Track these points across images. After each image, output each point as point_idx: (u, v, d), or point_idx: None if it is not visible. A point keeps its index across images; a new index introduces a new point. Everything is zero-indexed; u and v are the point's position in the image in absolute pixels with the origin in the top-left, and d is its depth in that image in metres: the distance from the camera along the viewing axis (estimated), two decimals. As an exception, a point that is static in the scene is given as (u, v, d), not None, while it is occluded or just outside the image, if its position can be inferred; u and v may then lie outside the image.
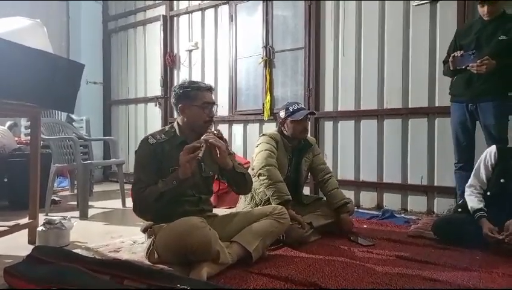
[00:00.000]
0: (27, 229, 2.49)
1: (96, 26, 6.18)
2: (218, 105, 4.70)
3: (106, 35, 6.19)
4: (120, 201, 3.90)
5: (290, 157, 2.69)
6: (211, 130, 2.04)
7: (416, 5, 3.48)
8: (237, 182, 2.12)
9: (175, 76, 5.33)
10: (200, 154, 1.85)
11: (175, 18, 5.34)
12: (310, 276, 1.82)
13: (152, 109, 5.57)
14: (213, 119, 2.11)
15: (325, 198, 2.74)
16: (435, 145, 3.41)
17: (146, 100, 5.65)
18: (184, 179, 1.87)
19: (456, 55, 2.66)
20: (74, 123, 4.91)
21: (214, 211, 2.28)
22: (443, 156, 3.33)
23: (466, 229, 2.30)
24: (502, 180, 2.30)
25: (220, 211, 2.68)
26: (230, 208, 3.33)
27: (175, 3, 5.36)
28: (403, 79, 3.56)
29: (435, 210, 3.39)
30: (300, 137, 2.68)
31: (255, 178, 2.47)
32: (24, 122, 4.93)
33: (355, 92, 3.83)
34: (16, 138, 4.47)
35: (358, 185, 3.82)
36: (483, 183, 2.37)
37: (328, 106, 3.99)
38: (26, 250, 1.99)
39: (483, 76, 2.59)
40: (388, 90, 3.65)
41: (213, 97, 2.13)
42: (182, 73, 5.25)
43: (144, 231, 2.08)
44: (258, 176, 2.48)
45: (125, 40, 5.97)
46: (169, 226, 1.88)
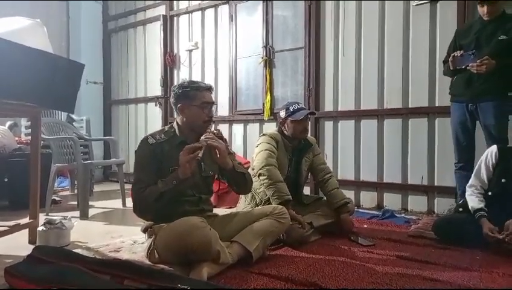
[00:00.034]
0: (27, 229, 2.49)
1: (96, 26, 6.18)
2: (217, 105, 4.76)
3: (106, 35, 6.19)
4: (120, 201, 3.90)
5: (290, 157, 2.69)
6: (211, 130, 2.04)
7: (416, 5, 3.48)
8: (237, 182, 2.12)
9: (175, 76, 5.33)
10: (200, 154, 1.85)
11: (175, 18, 5.34)
12: (311, 276, 1.82)
13: (152, 109, 5.57)
14: (212, 119, 2.11)
15: (325, 198, 2.74)
16: (435, 145, 3.41)
17: (146, 100, 5.65)
18: (184, 179, 1.87)
19: (456, 55, 2.66)
20: (74, 123, 4.91)
21: (214, 211, 2.28)
22: (443, 156, 3.33)
23: (466, 229, 2.30)
24: (503, 180, 2.29)
25: (221, 211, 2.68)
26: (230, 208, 3.33)
27: (175, 3, 5.36)
28: (403, 79, 3.56)
29: (435, 210, 3.39)
30: (300, 137, 2.68)
31: (255, 178, 2.47)
32: (24, 122, 4.93)
33: (355, 92, 3.82)
34: (16, 138, 4.47)
35: (358, 185, 3.82)
36: (484, 183, 2.37)
37: (328, 106, 3.99)
38: (26, 250, 2.00)
39: (483, 76, 2.59)
40: (388, 90, 3.65)
41: (212, 97, 2.13)
42: (182, 73, 5.24)
43: (144, 231, 2.09)
44: (258, 176, 2.48)
45: (125, 40, 5.97)
46: (169, 226, 1.88)
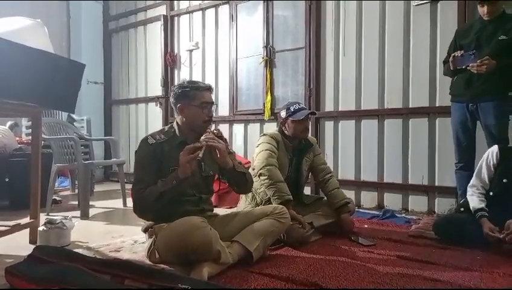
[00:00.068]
0: (28, 229, 2.49)
1: (96, 26, 6.18)
2: (218, 105, 4.77)
3: (107, 35, 6.19)
4: (121, 201, 3.90)
5: (291, 157, 2.69)
6: (211, 130, 2.03)
7: (416, 5, 3.48)
8: (237, 182, 2.12)
9: (176, 76, 5.33)
10: (200, 154, 1.85)
11: (175, 18, 5.34)
12: (311, 276, 1.82)
13: (153, 109, 5.57)
14: (212, 119, 2.10)
15: (326, 198, 2.74)
16: (436, 145, 3.41)
17: (147, 100, 5.65)
18: (184, 179, 1.87)
19: (456, 55, 2.66)
20: (75, 123, 4.91)
21: (215, 211, 2.28)
22: (444, 156, 3.33)
23: (467, 228, 2.30)
24: (505, 180, 2.29)
25: (221, 211, 2.68)
26: (231, 208, 3.33)
27: (175, 3, 5.36)
28: (404, 79, 3.56)
29: (436, 210, 3.39)
30: (301, 137, 2.68)
31: (256, 178, 2.47)
32: (25, 122, 4.93)
33: (355, 92, 3.82)
34: (17, 138, 4.48)
35: (359, 185, 3.82)
36: (485, 183, 2.37)
37: (329, 106, 3.99)
38: (27, 250, 2.00)
39: (483, 76, 2.59)
40: (389, 90, 3.65)
41: (212, 97, 2.12)
42: (183, 73, 5.25)
43: (145, 231, 2.09)
44: (259, 176, 2.48)
45: (125, 40, 5.97)
46: (170, 226, 1.88)
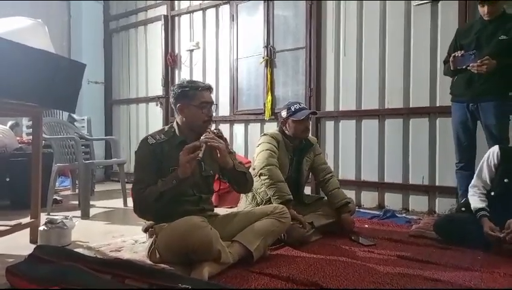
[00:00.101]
0: (29, 228, 2.49)
1: (97, 26, 6.18)
2: (218, 105, 4.77)
3: (107, 35, 6.19)
4: (121, 201, 3.91)
5: (291, 157, 2.69)
6: (211, 130, 2.03)
7: (417, 5, 3.48)
8: (238, 181, 2.12)
9: (176, 76, 5.33)
10: (200, 154, 1.85)
11: (176, 18, 5.34)
12: (311, 276, 1.82)
13: (153, 109, 5.57)
14: (212, 118, 2.10)
15: (326, 198, 2.74)
16: (436, 145, 3.41)
17: (147, 100, 5.65)
18: (184, 179, 1.87)
19: (457, 55, 2.66)
20: (76, 123, 4.91)
21: (216, 211, 2.28)
22: (444, 156, 3.33)
23: (468, 228, 2.30)
24: (506, 180, 2.29)
25: (222, 211, 2.68)
26: (231, 208, 3.33)
27: (176, 3, 5.36)
28: (404, 79, 3.56)
29: (436, 210, 3.39)
30: (301, 137, 2.68)
31: (256, 178, 2.47)
32: (26, 121, 4.93)
33: (356, 92, 3.82)
34: (18, 138, 4.48)
35: (359, 185, 3.82)
36: (486, 183, 2.37)
37: (329, 106, 3.99)
38: (27, 249, 2.00)
39: (483, 76, 2.59)
40: (389, 90, 3.65)
41: (212, 96, 2.11)
42: (183, 73, 5.24)
43: (145, 231, 2.09)
44: (259, 176, 2.48)
45: (126, 40, 5.97)
46: (170, 225, 1.88)
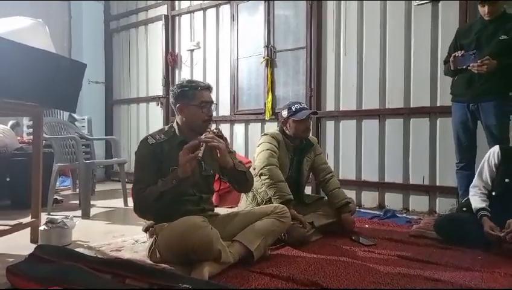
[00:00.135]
0: (29, 228, 2.50)
1: (98, 25, 6.18)
2: (219, 105, 4.77)
3: (108, 34, 6.19)
4: (122, 200, 3.91)
5: (292, 156, 2.69)
6: (211, 129, 2.03)
7: (417, 5, 3.47)
8: (238, 181, 2.11)
9: (177, 76, 5.33)
10: (200, 154, 1.85)
11: (176, 18, 5.34)
12: (312, 275, 1.82)
13: (154, 109, 5.57)
14: (212, 118, 2.09)
15: (327, 198, 2.74)
16: (437, 145, 3.40)
17: (148, 100, 5.65)
18: (184, 179, 1.86)
19: (457, 55, 2.66)
20: (76, 123, 4.92)
21: (216, 211, 2.28)
22: (445, 156, 3.32)
23: (468, 228, 2.30)
24: (507, 180, 2.28)
25: (222, 211, 2.68)
26: (231, 208, 3.33)
27: (176, 3, 5.36)
28: (405, 79, 3.56)
29: (437, 210, 3.39)
30: (302, 137, 2.68)
31: (257, 178, 2.47)
32: (26, 121, 4.94)
33: (356, 92, 3.82)
34: (18, 137, 4.48)
35: (359, 185, 3.82)
36: (487, 183, 2.36)
37: (330, 106, 3.99)
38: (28, 249, 2.00)
39: (484, 76, 2.58)
40: (390, 89, 3.64)
41: (212, 96, 2.11)
42: (184, 73, 5.24)
43: (146, 231, 2.09)
44: (260, 176, 2.48)
45: (127, 40, 5.97)
46: (170, 225, 1.88)
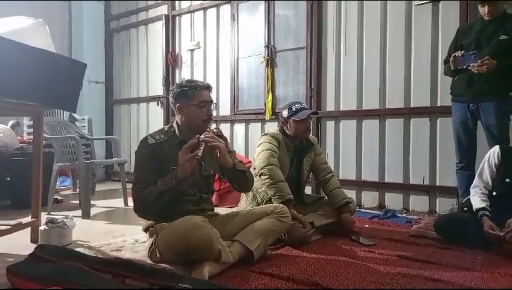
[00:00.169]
0: (29, 228, 2.50)
1: (98, 25, 6.18)
2: (219, 104, 4.77)
3: (108, 34, 6.19)
4: (122, 200, 3.91)
5: (292, 156, 2.69)
6: (210, 129, 2.03)
7: (418, 5, 3.47)
8: (238, 180, 2.11)
9: (177, 75, 5.33)
10: (200, 153, 1.84)
11: (177, 17, 5.34)
12: (312, 275, 1.82)
13: (154, 109, 5.57)
14: (211, 117, 2.09)
15: (327, 197, 2.74)
16: (437, 145, 3.40)
17: (148, 99, 5.65)
18: (183, 178, 1.86)
19: (457, 55, 2.66)
20: (76, 122, 4.92)
21: (216, 210, 2.28)
22: (445, 156, 3.32)
23: (469, 228, 2.30)
24: (507, 179, 2.28)
25: (222, 210, 2.68)
26: (231, 207, 3.33)
27: (177, 2, 5.36)
28: (405, 79, 3.56)
29: (437, 210, 3.39)
30: (302, 136, 2.68)
31: (257, 177, 2.47)
32: (27, 121, 4.94)
33: (357, 92, 3.82)
34: (19, 137, 4.48)
35: (360, 185, 3.82)
36: (487, 184, 2.36)
37: (330, 106, 3.99)
38: (28, 249, 2.00)
39: (484, 76, 2.58)
40: (390, 89, 3.64)
41: (211, 96, 2.11)
42: (184, 72, 5.24)
43: (146, 230, 2.09)
44: (260, 176, 2.48)
45: (127, 40, 5.97)
46: (170, 225, 1.88)
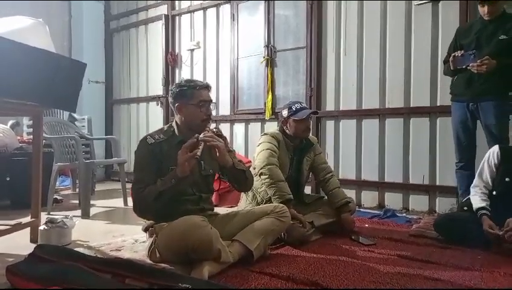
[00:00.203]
0: (29, 228, 2.49)
1: (98, 25, 6.18)
2: (219, 104, 4.77)
3: (108, 34, 6.19)
4: (122, 200, 3.91)
5: (292, 156, 2.69)
6: (210, 128, 2.03)
7: (418, 5, 3.47)
8: (238, 179, 2.11)
9: (177, 75, 5.33)
10: (199, 152, 1.84)
11: (177, 17, 5.35)
12: (311, 275, 1.82)
13: (154, 108, 5.58)
14: (211, 117, 2.09)
15: (327, 197, 2.74)
16: (437, 144, 3.41)
17: (148, 99, 5.65)
18: (183, 178, 1.86)
19: (457, 55, 2.66)
20: (76, 122, 4.91)
21: (216, 210, 2.28)
22: (445, 156, 3.32)
23: (468, 227, 2.30)
24: (507, 179, 2.29)
25: (222, 210, 2.67)
26: (231, 207, 3.33)
27: (177, 2, 5.36)
28: (405, 78, 3.56)
29: (437, 209, 3.39)
30: (302, 136, 2.68)
31: (257, 177, 2.47)
32: (26, 121, 4.94)
33: (356, 91, 3.82)
34: (18, 137, 4.48)
35: (359, 185, 3.82)
36: (487, 183, 2.37)
37: (330, 105, 3.99)
38: (28, 249, 1.99)
39: (483, 76, 2.59)
40: (390, 89, 3.65)
41: (210, 95, 2.11)
42: (184, 72, 5.24)
43: (145, 230, 2.09)
44: (260, 175, 2.48)
45: (127, 40, 5.97)
46: (170, 225, 1.88)
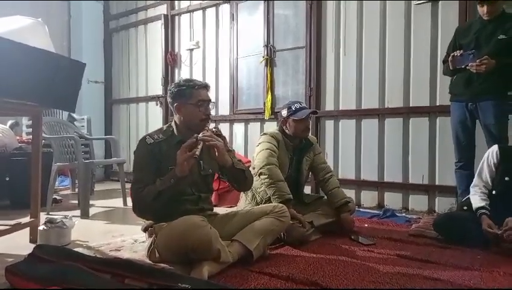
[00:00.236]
0: (28, 228, 2.49)
1: (97, 25, 6.18)
2: (218, 104, 4.77)
3: (107, 34, 6.19)
4: (121, 200, 3.91)
5: (291, 156, 2.69)
6: (209, 128, 2.02)
7: (417, 4, 3.48)
8: (237, 179, 2.11)
9: (176, 75, 5.33)
10: (198, 152, 1.84)
11: (176, 17, 5.34)
12: (311, 275, 1.82)
13: (153, 108, 5.57)
14: (210, 117, 2.09)
15: (326, 197, 2.74)
16: (436, 144, 3.41)
17: (147, 99, 5.65)
18: (182, 177, 1.86)
19: (456, 54, 2.66)
20: (75, 122, 4.91)
21: (215, 210, 2.28)
22: (444, 155, 3.33)
23: (468, 226, 2.30)
24: (507, 178, 2.29)
25: (221, 210, 2.67)
26: (231, 207, 3.33)
27: (176, 2, 5.36)
28: (404, 78, 3.56)
29: (436, 209, 3.39)
30: (302, 136, 2.68)
31: (256, 177, 2.47)
32: (25, 121, 4.94)
33: (356, 91, 3.82)
34: (18, 137, 4.48)
35: (359, 184, 3.82)
36: (487, 183, 2.37)
37: (329, 105, 3.99)
38: (27, 249, 1.99)
39: (482, 75, 2.59)
40: (389, 89, 3.65)
41: (209, 95, 2.11)
42: (183, 72, 5.24)
43: (145, 230, 2.09)
44: (259, 175, 2.48)
45: (126, 39, 5.97)
46: (169, 225, 1.88)
